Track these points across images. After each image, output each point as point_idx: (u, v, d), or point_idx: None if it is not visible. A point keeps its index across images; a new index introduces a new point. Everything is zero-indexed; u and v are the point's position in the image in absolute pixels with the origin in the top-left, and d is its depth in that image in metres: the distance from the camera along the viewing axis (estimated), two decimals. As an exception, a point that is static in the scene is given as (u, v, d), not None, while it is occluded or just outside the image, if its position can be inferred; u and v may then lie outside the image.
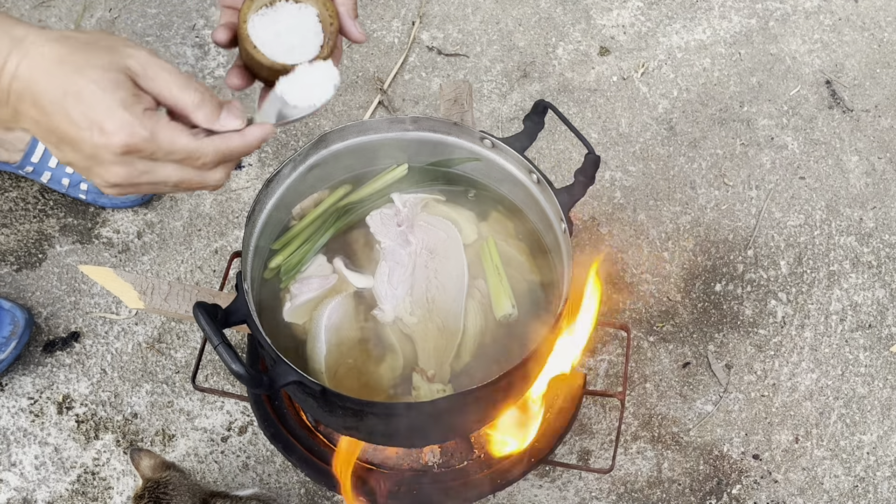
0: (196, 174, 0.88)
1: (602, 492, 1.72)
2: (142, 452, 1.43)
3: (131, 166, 0.84)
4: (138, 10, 2.17)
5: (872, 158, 2.04)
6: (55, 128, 0.83)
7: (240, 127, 0.90)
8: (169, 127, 0.85)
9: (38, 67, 0.82)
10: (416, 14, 2.19)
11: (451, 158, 1.36)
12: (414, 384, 1.24)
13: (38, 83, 0.82)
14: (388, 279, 1.30)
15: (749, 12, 2.20)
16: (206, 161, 0.87)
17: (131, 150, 0.82)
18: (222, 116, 0.89)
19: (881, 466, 1.75)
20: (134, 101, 0.83)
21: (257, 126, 0.92)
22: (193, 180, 0.88)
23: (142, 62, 0.85)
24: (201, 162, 0.87)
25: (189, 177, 0.88)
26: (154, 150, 0.84)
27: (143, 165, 0.85)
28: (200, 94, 0.87)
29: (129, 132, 0.82)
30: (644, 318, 1.87)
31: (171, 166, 0.86)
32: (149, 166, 0.85)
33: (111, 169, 0.84)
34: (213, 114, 0.88)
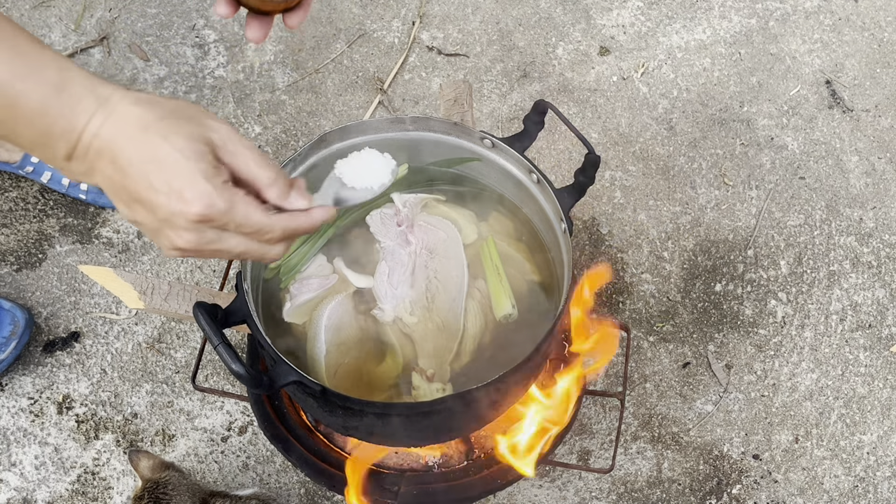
0: (259, 247, 0.92)
1: (602, 492, 1.72)
2: (140, 453, 1.43)
3: (201, 234, 0.87)
4: (138, 10, 2.17)
5: (872, 158, 2.04)
6: (131, 189, 0.85)
7: (307, 207, 0.94)
8: (245, 202, 0.88)
9: (122, 130, 0.85)
10: (416, 14, 2.19)
11: (451, 158, 1.36)
12: (414, 384, 1.24)
13: (121, 145, 0.84)
14: (388, 279, 1.30)
15: (749, 12, 2.20)
16: (272, 237, 0.91)
17: (206, 219, 0.85)
18: (292, 195, 0.93)
19: (881, 466, 1.75)
20: (215, 172, 0.86)
21: (322, 208, 0.95)
22: (255, 252, 0.92)
23: (223, 136, 0.88)
24: (268, 237, 0.91)
25: (253, 248, 0.91)
26: (227, 221, 0.87)
27: (213, 234, 0.88)
28: (275, 172, 0.91)
29: (208, 203, 0.85)
30: (644, 318, 1.87)
31: (238, 238, 0.89)
32: (218, 235, 0.88)
33: (182, 234, 0.87)
34: (284, 192, 0.92)
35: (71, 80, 0.85)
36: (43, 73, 0.84)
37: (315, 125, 2.05)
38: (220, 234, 0.88)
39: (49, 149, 0.86)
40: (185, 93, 2.07)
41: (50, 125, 0.84)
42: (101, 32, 2.14)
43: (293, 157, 1.27)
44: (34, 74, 0.84)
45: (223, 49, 2.13)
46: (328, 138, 1.29)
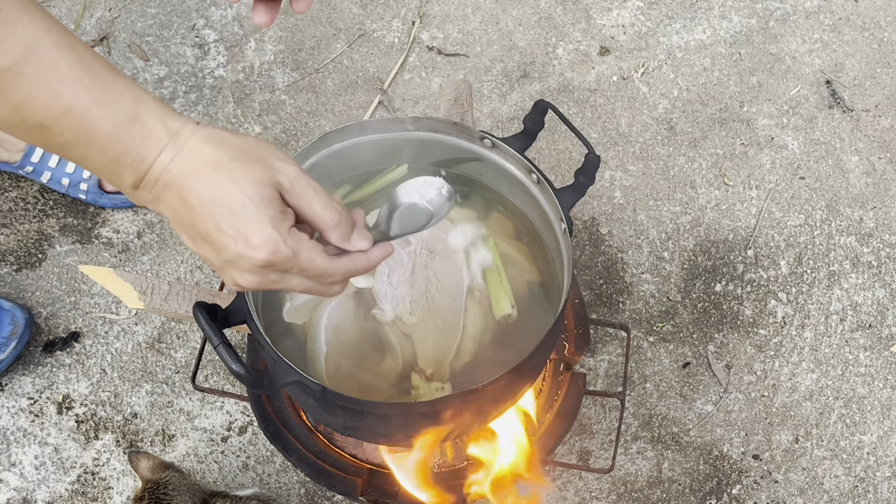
0: (319, 287, 0.94)
1: (602, 492, 1.72)
2: (140, 454, 1.43)
3: (265, 276, 0.89)
4: (138, 10, 2.17)
5: (872, 158, 2.04)
6: (199, 227, 0.87)
7: (367, 248, 0.96)
8: (310, 247, 0.90)
9: (192, 167, 0.86)
10: (416, 14, 2.19)
11: (451, 158, 1.36)
12: (413, 384, 1.24)
13: (190, 182, 0.85)
14: (388, 279, 1.30)
15: (749, 12, 2.20)
16: (334, 279, 0.94)
17: (271, 264, 0.87)
18: (354, 237, 0.94)
19: (881, 466, 1.75)
20: (281, 218, 0.87)
21: (380, 247, 0.97)
22: (315, 291, 0.94)
23: (291, 178, 0.89)
24: (330, 280, 0.93)
25: (312, 288, 0.93)
26: (292, 266, 0.89)
27: (276, 276, 0.90)
28: (339, 214, 0.92)
29: (274, 249, 0.86)
30: (644, 318, 1.87)
31: (299, 279, 0.91)
32: (281, 277, 0.90)
33: (246, 276, 0.89)
34: (347, 234, 0.94)
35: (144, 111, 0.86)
36: (119, 102, 0.85)
37: (315, 125, 2.05)
38: (283, 276, 0.90)
39: (117, 176, 0.87)
40: (185, 93, 2.07)
41: (121, 154, 0.85)
42: (101, 32, 2.14)
43: (293, 157, 1.27)
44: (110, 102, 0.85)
45: (223, 49, 2.13)
46: (328, 138, 1.29)
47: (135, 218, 1.95)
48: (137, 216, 1.95)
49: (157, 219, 1.95)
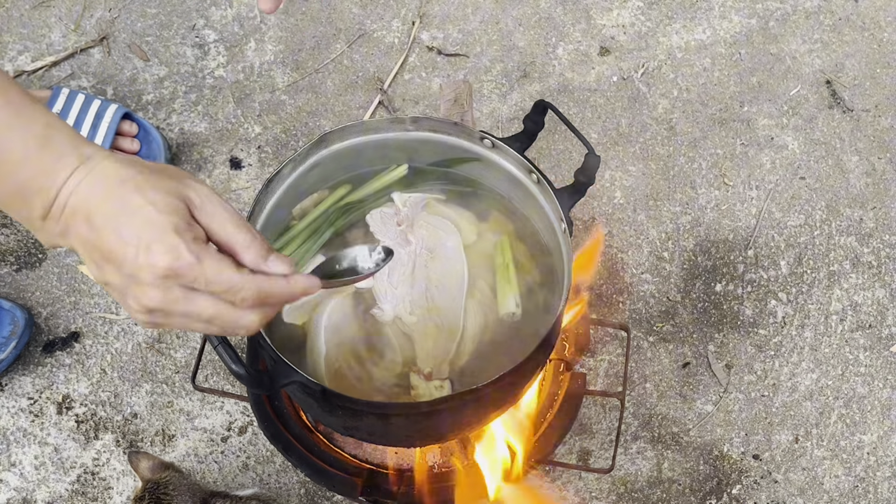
0: (231, 311, 0.85)
1: (602, 492, 1.72)
2: (140, 454, 1.43)
3: (168, 292, 0.82)
4: (138, 10, 2.17)
5: (872, 158, 2.04)
6: (102, 244, 0.82)
7: (286, 272, 0.88)
8: (216, 257, 0.83)
9: (99, 185, 0.83)
10: (416, 14, 2.19)
11: (451, 158, 1.36)
12: (412, 384, 1.24)
13: (96, 200, 0.82)
14: (388, 278, 1.31)
15: (749, 12, 2.20)
16: (245, 297, 0.84)
17: (173, 273, 0.81)
18: (270, 259, 0.87)
19: (881, 466, 1.75)
20: (186, 227, 0.82)
21: (305, 276, 0.89)
22: (227, 318, 0.85)
23: (202, 195, 0.85)
24: (241, 297, 0.84)
25: (223, 313, 0.85)
26: (196, 276, 0.82)
27: (181, 293, 0.83)
28: (252, 235, 0.86)
29: (176, 255, 0.81)
30: (644, 318, 1.87)
31: (207, 299, 0.84)
32: (186, 294, 0.83)
33: (148, 292, 0.82)
34: (261, 256, 0.87)
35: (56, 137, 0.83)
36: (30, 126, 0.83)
37: (315, 125, 2.05)
38: (188, 293, 0.83)
39: (26, 205, 0.83)
40: (185, 93, 2.07)
41: (29, 179, 0.82)
42: (100, 32, 2.14)
43: (293, 157, 1.27)
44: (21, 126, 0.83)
45: (223, 49, 2.13)
46: (328, 138, 1.29)
47: (135, 218, 1.95)
48: (137, 216, 1.95)
49: (157, 219, 1.94)
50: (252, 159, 2.01)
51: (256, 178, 1.99)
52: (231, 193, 1.97)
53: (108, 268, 0.83)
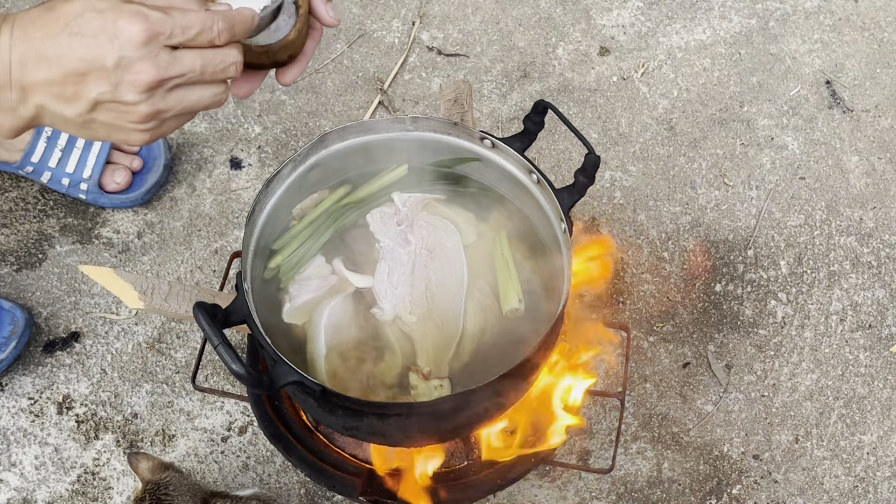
0: (215, 53, 0.87)
1: (602, 492, 1.72)
2: (139, 455, 1.43)
3: (156, 57, 0.82)
4: (138, 10, 2.17)
5: (872, 158, 2.04)
6: (71, 66, 0.81)
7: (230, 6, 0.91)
8: (177, 2, 0.85)
9: (30, 26, 0.81)
10: (416, 14, 2.19)
11: (451, 158, 1.36)
12: (411, 384, 1.24)
13: (37, 38, 0.81)
14: (388, 278, 1.31)
15: (749, 12, 2.20)
16: (220, 28, 0.86)
17: (153, 34, 0.81)
18: (211, 6, 0.90)
19: (881, 466, 1.75)
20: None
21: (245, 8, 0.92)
22: (215, 60, 0.87)
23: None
24: (216, 30, 0.86)
25: (209, 57, 0.86)
26: (172, 27, 0.82)
27: (167, 55, 0.83)
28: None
29: (143, 17, 0.81)
30: (644, 318, 1.87)
31: (192, 52, 0.85)
32: (172, 55, 0.83)
33: (139, 68, 0.81)
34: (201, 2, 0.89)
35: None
36: None
37: (315, 125, 2.05)
38: (173, 53, 0.83)
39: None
40: (185, 93, 2.07)
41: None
42: (101, 32, 2.14)
43: (293, 157, 1.27)
44: None
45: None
46: (328, 138, 1.29)
47: (135, 218, 1.95)
48: (137, 216, 1.95)
49: (156, 219, 1.95)
50: (252, 159, 2.01)
51: (256, 178, 2.00)
52: (231, 193, 1.98)
53: (91, 80, 0.82)
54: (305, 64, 1.06)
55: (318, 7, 1.03)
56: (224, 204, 1.97)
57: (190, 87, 0.86)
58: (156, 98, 0.84)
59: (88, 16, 0.80)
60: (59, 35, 0.80)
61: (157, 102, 0.84)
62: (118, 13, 0.80)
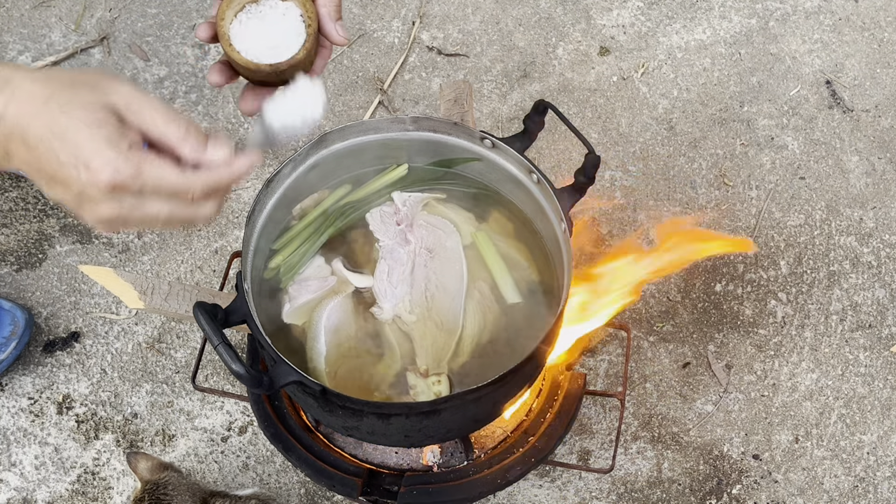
0: (185, 208, 0.88)
1: (602, 492, 1.72)
2: (139, 455, 1.43)
3: (120, 202, 0.84)
4: (138, 10, 2.17)
5: (872, 158, 2.04)
6: (44, 167, 0.84)
7: (226, 157, 0.90)
8: (155, 163, 0.85)
9: (25, 107, 0.83)
10: (417, 14, 2.19)
11: (451, 158, 1.36)
12: (410, 383, 1.24)
13: (27, 123, 0.83)
14: (388, 277, 1.31)
15: (749, 12, 2.20)
16: (195, 194, 0.87)
17: (118, 186, 0.83)
18: (209, 148, 0.89)
19: (881, 466, 1.75)
20: (119, 137, 0.84)
21: (244, 157, 0.91)
22: (182, 214, 0.88)
23: (125, 97, 0.86)
24: (190, 196, 0.87)
25: (177, 212, 0.88)
26: (141, 185, 0.84)
27: (132, 201, 0.85)
28: (185, 126, 0.88)
29: (114, 168, 0.82)
30: (644, 318, 1.87)
31: (159, 202, 0.86)
32: (137, 202, 0.85)
33: (100, 206, 0.85)
34: (199, 145, 0.88)
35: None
36: None
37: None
38: (140, 200, 0.85)
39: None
40: (185, 93, 2.08)
41: None
42: (101, 32, 2.14)
43: (293, 157, 1.27)
44: None
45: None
46: (328, 138, 1.29)
47: (135, 218, 1.95)
48: (137, 216, 1.95)
49: (157, 219, 1.94)
50: (252, 159, 2.01)
51: (256, 178, 2.00)
52: (231, 193, 1.98)
53: (57, 187, 0.85)
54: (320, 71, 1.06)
55: (328, 25, 1.02)
56: (224, 204, 1.97)
57: (154, 222, 0.88)
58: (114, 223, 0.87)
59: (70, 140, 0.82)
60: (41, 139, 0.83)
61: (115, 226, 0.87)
62: (96, 151, 0.82)
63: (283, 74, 1.00)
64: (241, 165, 0.91)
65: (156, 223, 0.88)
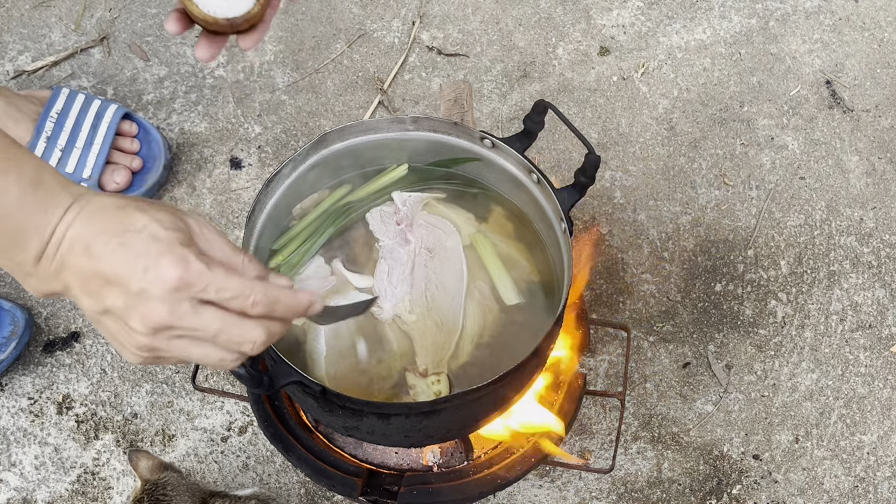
0: (237, 324, 0.84)
1: (602, 492, 1.72)
2: (140, 453, 1.43)
3: (177, 305, 0.81)
4: (138, 10, 2.17)
5: (872, 158, 2.04)
6: (104, 268, 0.81)
7: (289, 284, 0.90)
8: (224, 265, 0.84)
9: (96, 216, 0.83)
10: (416, 14, 2.19)
11: (451, 158, 1.36)
12: (409, 384, 1.24)
13: (95, 229, 0.82)
14: (388, 277, 1.31)
15: (749, 12, 2.20)
16: (256, 300, 0.85)
17: (184, 284, 0.81)
18: (271, 277, 0.89)
19: (881, 466, 1.75)
20: (191, 242, 0.84)
21: (309, 292, 0.91)
22: (233, 332, 0.84)
23: (200, 222, 0.87)
24: (251, 301, 0.84)
25: (230, 326, 0.84)
26: (207, 283, 0.82)
27: (189, 306, 0.82)
28: (251, 258, 0.88)
29: (186, 265, 0.81)
30: (644, 318, 1.87)
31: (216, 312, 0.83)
32: (194, 308, 0.82)
33: (155, 307, 0.81)
34: (263, 272, 0.89)
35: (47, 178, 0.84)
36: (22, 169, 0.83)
37: (315, 125, 2.05)
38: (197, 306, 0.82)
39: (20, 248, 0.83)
40: (185, 93, 2.07)
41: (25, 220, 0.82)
42: (101, 32, 2.14)
43: (293, 157, 1.27)
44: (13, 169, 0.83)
45: (223, 49, 2.13)
46: (328, 138, 1.29)
47: (135, 218, 1.95)
48: (137, 216, 1.95)
49: (157, 219, 1.94)
50: (252, 159, 2.01)
51: (256, 178, 2.00)
52: (231, 193, 1.98)
53: (112, 291, 0.82)
54: (265, 31, 1.09)
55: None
56: (224, 204, 1.97)
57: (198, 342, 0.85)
58: (159, 338, 0.83)
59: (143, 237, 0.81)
60: (111, 239, 0.81)
61: (158, 342, 0.84)
62: (166, 249, 0.81)
63: (239, 27, 1.05)
64: (305, 297, 0.90)
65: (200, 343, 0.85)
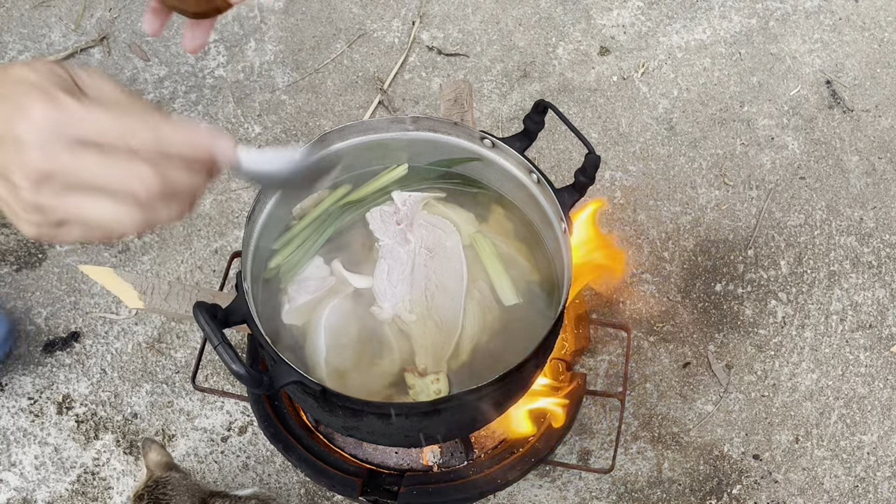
0: (122, 163, 0.70)
1: (602, 492, 1.72)
2: (154, 444, 1.43)
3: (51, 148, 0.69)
4: (138, 10, 2.17)
5: (872, 158, 2.04)
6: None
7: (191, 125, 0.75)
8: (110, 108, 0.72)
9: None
10: (416, 14, 2.19)
11: (451, 158, 1.36)
12: (408, 384, 1.24)
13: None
14: (388, 277, 1.30)
15: (749, 12, 2.20)
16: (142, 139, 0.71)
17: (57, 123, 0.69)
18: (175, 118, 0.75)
19: (881, 466, 1.75)
20: (73, 89, 0.72)
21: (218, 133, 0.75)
22: (117, 171, 0.70)
23: (91, 73, 0.75)
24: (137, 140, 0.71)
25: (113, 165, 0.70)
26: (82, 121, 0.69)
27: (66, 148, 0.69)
28: (147, 101, 0.76)
29: (57, 104, 0.69)
30: (644, 318, 1.87)
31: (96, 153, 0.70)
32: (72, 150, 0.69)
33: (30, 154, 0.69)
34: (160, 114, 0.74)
35: None
36: None
37: (315, 125, 2.05)
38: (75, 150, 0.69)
39: None
40: (185, 93, 2.07)
41: None
42: (101, 32, 2.14)
43: (293, 156, 1.27)
44: None
45: (223, 49, 2.13)
46: (328, 138, 1.29)
47: (135, 218, 1.95)
48: (137, 216, 1.95)
49: (157, 219, 1.94)
50: (252, 159, 2.01)
51: (256, 178, 1.99)
52: (231, 193, 1.98)
53: None
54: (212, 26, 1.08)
55: None
56: (224, 204, 1.97)
57: (88, 194, 0.72)
58: (44, 192, 0.72)
59: (21, 87, 0.70)
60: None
61: (45, 198, 0.72)
62: (39, 94, 0.69)
63: (216, 3, 1.02)
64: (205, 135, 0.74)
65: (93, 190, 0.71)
